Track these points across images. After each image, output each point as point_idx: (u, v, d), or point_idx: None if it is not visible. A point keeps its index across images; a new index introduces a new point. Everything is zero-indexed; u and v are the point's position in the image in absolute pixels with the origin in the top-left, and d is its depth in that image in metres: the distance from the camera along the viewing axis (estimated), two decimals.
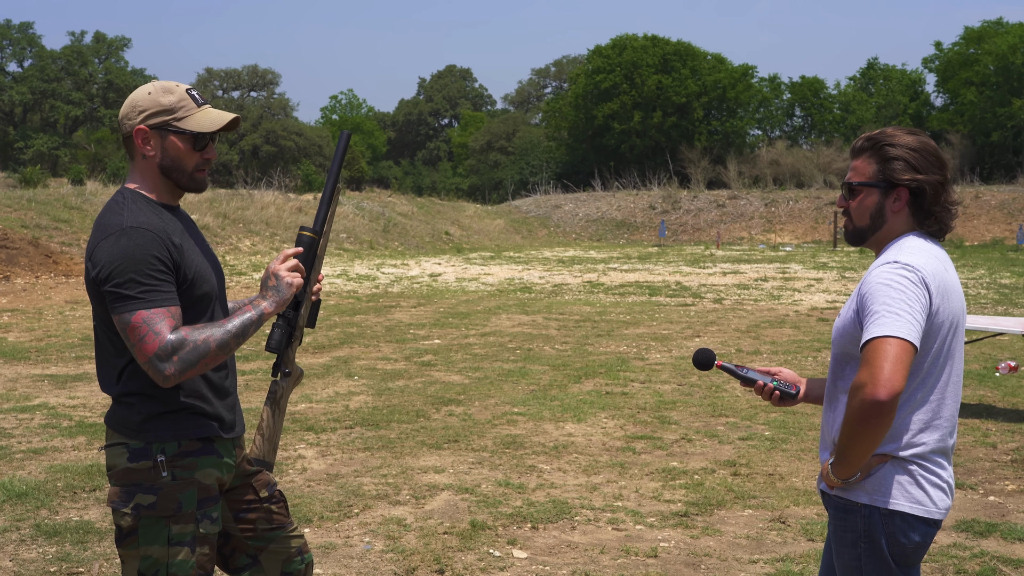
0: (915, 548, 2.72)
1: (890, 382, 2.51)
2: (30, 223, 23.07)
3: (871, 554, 2.72)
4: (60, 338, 13.03)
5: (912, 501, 2.69)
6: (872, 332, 2.58)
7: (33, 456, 7.05)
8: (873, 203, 2.80)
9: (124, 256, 2.71)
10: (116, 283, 2.71)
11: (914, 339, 2.57)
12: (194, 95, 2.91)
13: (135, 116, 2.87)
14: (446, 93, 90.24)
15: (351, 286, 21.44)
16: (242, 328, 2.81)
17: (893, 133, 2.79)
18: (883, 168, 2.77)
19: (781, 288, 21.07)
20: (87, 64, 68.70)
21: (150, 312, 2.69)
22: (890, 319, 2.57)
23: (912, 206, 2.78)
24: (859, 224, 2.84)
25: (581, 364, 11.19)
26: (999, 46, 55.05)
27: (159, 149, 2.88)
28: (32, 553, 5.16)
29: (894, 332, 2.55)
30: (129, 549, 2.84)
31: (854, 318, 2.72)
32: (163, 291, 2.73)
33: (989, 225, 39.99)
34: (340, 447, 7.43)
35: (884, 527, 2.69)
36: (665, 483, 6.53)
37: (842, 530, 2.76)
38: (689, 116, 61.02)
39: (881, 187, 2.78)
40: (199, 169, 2.93)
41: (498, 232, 42.25)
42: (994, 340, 12.33)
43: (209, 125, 2.89)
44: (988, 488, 6.47)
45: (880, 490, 2.70)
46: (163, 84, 2.91)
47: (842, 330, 2.77)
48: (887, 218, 2.80)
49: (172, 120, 2.86)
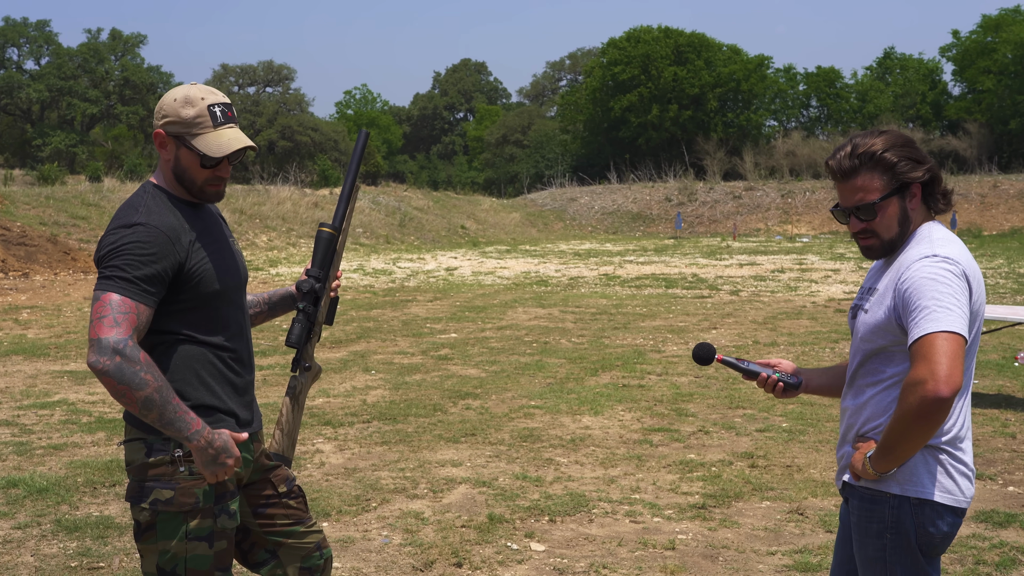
0: (943, 538, 2.71)
1: (951, 378, 2.50)
2: (48, 220, 23.19)
3: (897, 545, 2.70)
4: (79, 334, 13.09)
5: (943, 491, 2.68)
6: (926, 328, 2.56)
7: (53, 452, 7.09)
8: (897, 211, 2.76)
9: (125, 245, 2.74)
10: (108, 264, 2.74)
11: (966, 333, 2.57)
12: (215, 112, 2.88)
13: (159, 118, 2.90)
14: (461, 87, 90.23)
15: (367, 281, 21.47)
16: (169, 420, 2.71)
17: (871, 141, 2.74)
18: (892, 175, 2.74)
19: (798, 279, 21.00)
20: (103, 61, 69.00)
21: (122, 299, 2.70)
22: (942, 314, 2.56)
23: (924, 196, 2.79)
24: (888, 236, 2.78)
25: (598, 357, 11.19)
26: (1017, 34, 54.65)
27: (173, 156, 2.90)
28: (53, 548, 5.19)
29: (948, 327, 2.54)
30: (147, 544, 2.86)
31: (890, 314, 2.69)
32: (146, 289, 2.74)
33: (1008, 214, 39.74)
34: (358, 441, 7.45)
35: (914, 517, 2.68)
36: (682, 475, 6.53)
37: (867, 520, 2.74)
38: (704, 108, 60.86)
39: (898, 193, 2.76)
40: (210, 184, 2.93)
41: (514, 225, 42.23)
42: (1013, 330, 12.26)
43: (216, 151, 2.87)
44: (1007, 479, 6.43)
45: (912, 480, 2.69)
46: (189, 94, 2.88)
47: (874, 326, 2.74)
48: (911, 218, 2.78)
49: (186, 134, 2.87)
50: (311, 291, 3.07)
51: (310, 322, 3.07)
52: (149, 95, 67.55)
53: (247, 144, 2.91)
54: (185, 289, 2.83)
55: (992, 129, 55.18)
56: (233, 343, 2.98)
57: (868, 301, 2.81)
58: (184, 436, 2.74)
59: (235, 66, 77.79)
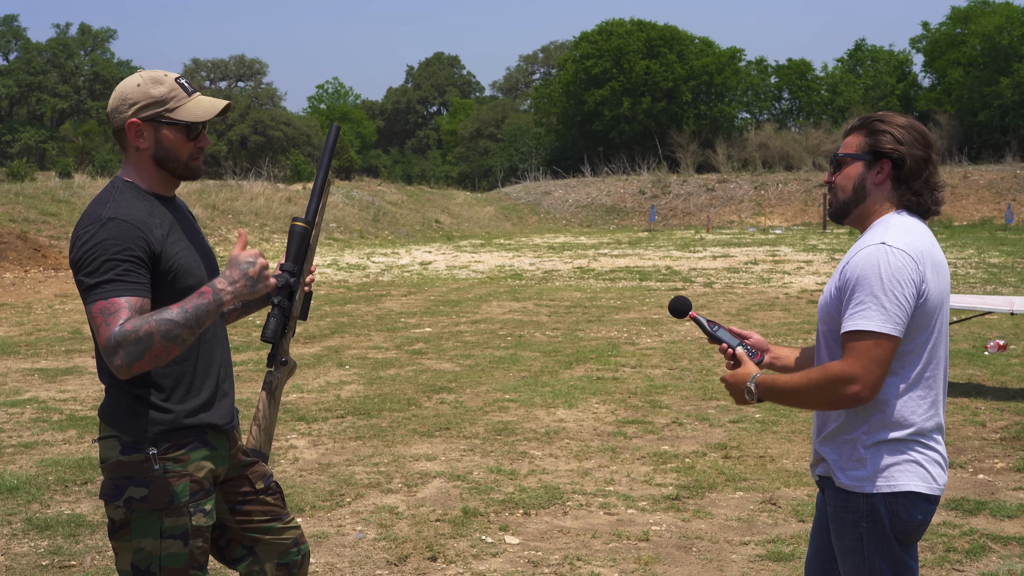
0: (917, 526, 2.75)
1: (877, 386, 2.63)
2: (18, 217, 22.98)
3: (873, 533, 2.74)
4: (50, 332, 13.00)
5: (916, 479, 2.73)
6: (859, 324, 2.63)
7: (24, 450, 7.04)
8: (856, 174, 2.84)
9: (95, 246, 2.71)
10: (84, 272, 2.72)
11: (900, 333, 2.63)
12: (183, 83, 2.88)
13: (126, 109, 2.84)
14: (434, 81, 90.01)
15: (341, 275, 21.42)
16: (196, 318, 2.69)
17: (887, 115, 2.86)
18: (870, 140, 2.82)
19: (771, 271, 21.11)
20: (73, 56, 68.39)
21: (107, 302, 2.68)
22: (876, 312, 2.62)
23: (893, 179, 2.81)
24: (842, 197, 2.87)
25: (572, 350, 11.21)
26: (985, 26, 55.04)
27: (152, 141, 2.87)
28: (24, 547, 5.16)
29: (881, 328, 2.61)
30: (122, 542, 2.85)
31: (836, 295, 2.75)
32: (126, 281, 2.70)
33: (978, 205, 40.06)
34: (332, 436, 7.44)
35: (888, 507, 2.72)
36: (656, 467, 6.56)
37: (843, 511, 2.78)
38: (677, 100, 60.96)
39: (866, 159, 2.82)
40: (193, 158, 2.92)
41: (488, 219, 42.21)
42: (983, 319, 12.38)
43: (202, 114, 2.87)
44: (978, 466, 6.50)
45: (885, 472, 2.73)
46: (151, 74, 2.88)
47: (826, 308, 2.81)
48: (869, 191, 2.83)
49: (164, 111, 2.84)
50: (286, 285, 3.05)
51: (285, 317, 3.05)
52: None
53: (226, 103, 2.92)
54: (161, 286, 2.80)
55: (962, 120, 55.55)
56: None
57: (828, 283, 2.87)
58: (219, 306, 2.72)
59: (206, 61, 77.39)
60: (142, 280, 2.74)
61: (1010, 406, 8.16)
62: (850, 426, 2.76)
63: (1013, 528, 5.31)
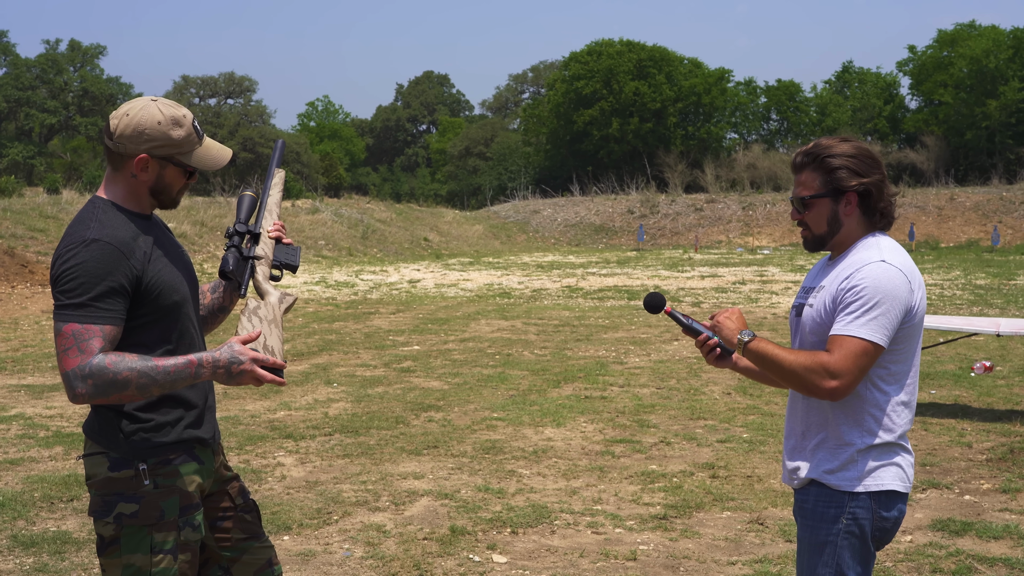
0: (893, 524, 2.91)
1: (851, 388, 2.81)
2: (5, 233, 22.91)
3: (851, 530, 2.88)
4: (36, 348, 12.95)
5: (896, 479, 2.90)
6: (857, 331, 2.79)
7: (10, 467, 7.01)
8: (827, 211, 2.98)
9: (76, 266, 2.72)
10: (60, 289, 2.73)
11: (886, 343, 2.81)
12: (197, 127, 2.91)
13: (141, 142, 2.83)
14: (424, 99, 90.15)
15: (330, 293, 21.40)
16: (172, 382, 2.73)
17: (828, 144, 2.98)
18: (829, 178, 2.95)
19: (759, 291, 21.17)
20: (62, 72, 68.29)
21: (82, 327, 2.69)
22: (875, 323, 2.79)
23: (861, 207, 2.96)
24: (818, 232, 3.01)
25: (560, 369, 11.22)
26: (973, 49, 55.46)
27: (155, 175, 2.89)
28: (9, 564, 5.13)
29: (873, 337, 2.78)
30: (111, 558, 2.84)
31: (832, 308, 2.87)
32: (104, 308, 2.71)
33: (964, 227, 40.25)
34: (319, 454, 7.42)
35: (872, 505, 2.87)
36: (644, 486, 6.56)
37: (825, 506, 2.90)
38: (665, 121, 61.18)
39: (831, 196, 2.96)
40: (181, 192, 2.98)
41: (477, 238, 42.24)
42: (969, 340, 12.43)
43: (211, 164, 2.93)
44: (964, 487, 6.52)
45: (873, 473, 2.88)
46: (172, 114, 2.86)
47: (819, 322, 2.92)
48: (843, 222, 2.98)
49: (177, 154, 2.88)
50: (234, 233, 3.03)
51: (241, 253, 3.02)
52: (108, 106, 66.81)
53: (232, 154, 3.00)
54: (145, 303, 2.81)
55: (949, 142, 55.88)
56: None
57: (815, 297, 2.96)
58: (196, 380, 2.74)
59: (196, 77, 77.24)
60: (118, 308, 2.75)
61: (996, 427, 8.19)
62: (845, 433, 2.89)
63: (999, 549, 5.33)
